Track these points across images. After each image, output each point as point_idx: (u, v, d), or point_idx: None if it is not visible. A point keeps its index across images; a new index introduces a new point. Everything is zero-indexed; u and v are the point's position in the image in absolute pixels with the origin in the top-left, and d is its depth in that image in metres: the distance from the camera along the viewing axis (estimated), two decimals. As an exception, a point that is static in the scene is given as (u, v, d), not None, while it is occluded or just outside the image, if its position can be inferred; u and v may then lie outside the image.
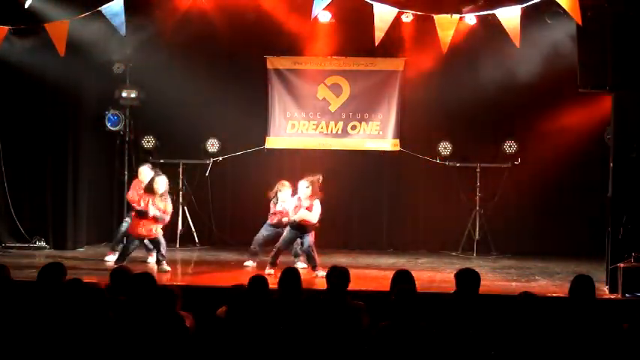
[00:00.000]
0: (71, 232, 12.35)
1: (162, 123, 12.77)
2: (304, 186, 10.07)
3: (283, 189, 10.63)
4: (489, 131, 12.52)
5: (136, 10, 10.70)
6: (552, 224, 12.32)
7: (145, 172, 10.86)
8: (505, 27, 9.19)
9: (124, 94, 12.65)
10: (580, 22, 8.91)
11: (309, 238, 10.07)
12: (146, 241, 10.45)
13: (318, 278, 9.45)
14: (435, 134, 12.53)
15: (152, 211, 10.11)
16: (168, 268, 10.15)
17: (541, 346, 5.30)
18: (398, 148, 12.63)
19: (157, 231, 10.26)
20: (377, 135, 12.77)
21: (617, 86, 9.14)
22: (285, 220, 10.38)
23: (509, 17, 9.10)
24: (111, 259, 10.79)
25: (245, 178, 12.81)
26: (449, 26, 9.24)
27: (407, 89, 12.58)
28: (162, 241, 10.28)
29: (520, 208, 12.48)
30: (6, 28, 9.84)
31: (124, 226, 11.00)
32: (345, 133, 12.84)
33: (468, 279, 6.24)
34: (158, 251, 10.25)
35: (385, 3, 9.24)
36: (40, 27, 9.70)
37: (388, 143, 12.72)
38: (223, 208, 13.12)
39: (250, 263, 10.63)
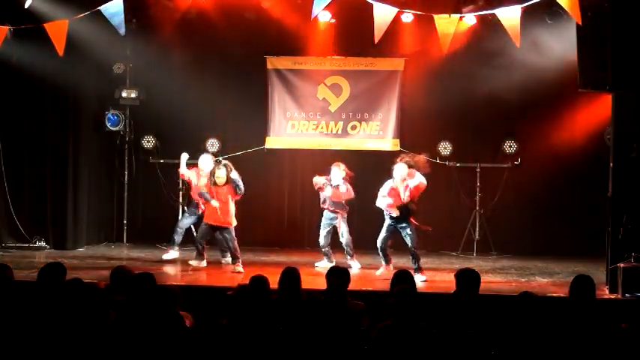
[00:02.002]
0: (71, 232, 12.34)
1: (162, 123, 12.80)
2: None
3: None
4: (489, 131, 12.51)
5: (135, 9, 10.73)
6: (552, 224, 12.30)
7: (206, 161, 10.92)
8: (505, 27, 9.19)
9: (124, 94, 12.68)
10: (580, 22, 8.91)
11: (411, 231, 9.86)
12: (218, 235, 10.42)
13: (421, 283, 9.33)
14: (435, 134, 12.51)
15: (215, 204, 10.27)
16: (241, 269, 10.16)
17: (541, 346, 5.29)
18: (398, 148, 12.60)
19: (232, 220, 10.31)
20: (377, 135, 12.77)
21: (617, 86, 9.13)
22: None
23: (509, 17, 9.10)
24: (168, 256, 10.95)
25: (245, 178, 12.76)
26: (449, 26, 9.24)
27: (407, 89, 12.57)
28: (234, 236, 10.27)
29: (520, 208, 12.47)
30: (6, 28, 9.84)
31: (185, 222, 11.13)
32: (345, 133, 12.83)
33: (468, 279, 6.24)
34: (229, 248, 10.29)
35: (385, 3, 9.25)
36: (39, 27, 9.70)
37: (388, 143, 12.71)
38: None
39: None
